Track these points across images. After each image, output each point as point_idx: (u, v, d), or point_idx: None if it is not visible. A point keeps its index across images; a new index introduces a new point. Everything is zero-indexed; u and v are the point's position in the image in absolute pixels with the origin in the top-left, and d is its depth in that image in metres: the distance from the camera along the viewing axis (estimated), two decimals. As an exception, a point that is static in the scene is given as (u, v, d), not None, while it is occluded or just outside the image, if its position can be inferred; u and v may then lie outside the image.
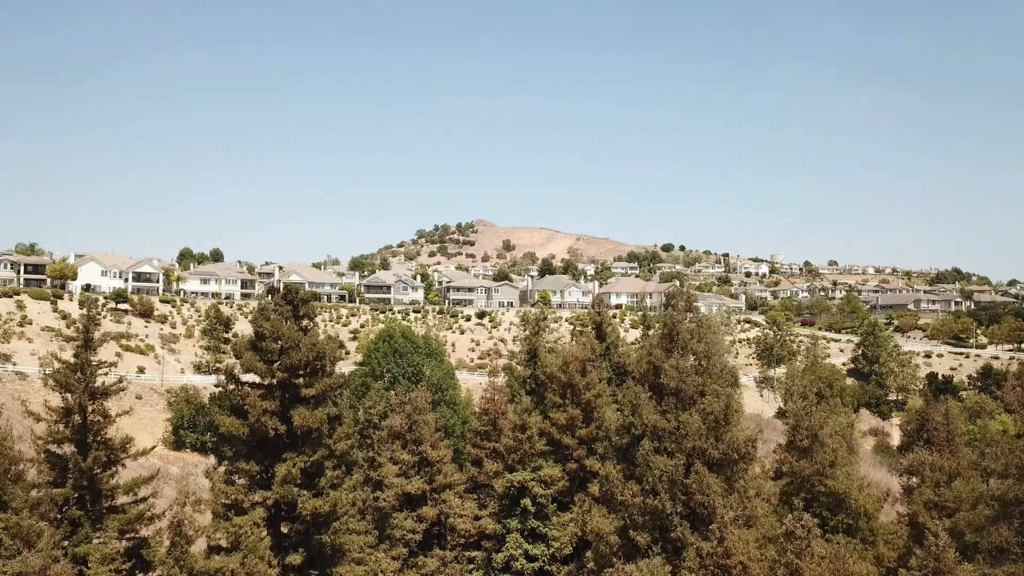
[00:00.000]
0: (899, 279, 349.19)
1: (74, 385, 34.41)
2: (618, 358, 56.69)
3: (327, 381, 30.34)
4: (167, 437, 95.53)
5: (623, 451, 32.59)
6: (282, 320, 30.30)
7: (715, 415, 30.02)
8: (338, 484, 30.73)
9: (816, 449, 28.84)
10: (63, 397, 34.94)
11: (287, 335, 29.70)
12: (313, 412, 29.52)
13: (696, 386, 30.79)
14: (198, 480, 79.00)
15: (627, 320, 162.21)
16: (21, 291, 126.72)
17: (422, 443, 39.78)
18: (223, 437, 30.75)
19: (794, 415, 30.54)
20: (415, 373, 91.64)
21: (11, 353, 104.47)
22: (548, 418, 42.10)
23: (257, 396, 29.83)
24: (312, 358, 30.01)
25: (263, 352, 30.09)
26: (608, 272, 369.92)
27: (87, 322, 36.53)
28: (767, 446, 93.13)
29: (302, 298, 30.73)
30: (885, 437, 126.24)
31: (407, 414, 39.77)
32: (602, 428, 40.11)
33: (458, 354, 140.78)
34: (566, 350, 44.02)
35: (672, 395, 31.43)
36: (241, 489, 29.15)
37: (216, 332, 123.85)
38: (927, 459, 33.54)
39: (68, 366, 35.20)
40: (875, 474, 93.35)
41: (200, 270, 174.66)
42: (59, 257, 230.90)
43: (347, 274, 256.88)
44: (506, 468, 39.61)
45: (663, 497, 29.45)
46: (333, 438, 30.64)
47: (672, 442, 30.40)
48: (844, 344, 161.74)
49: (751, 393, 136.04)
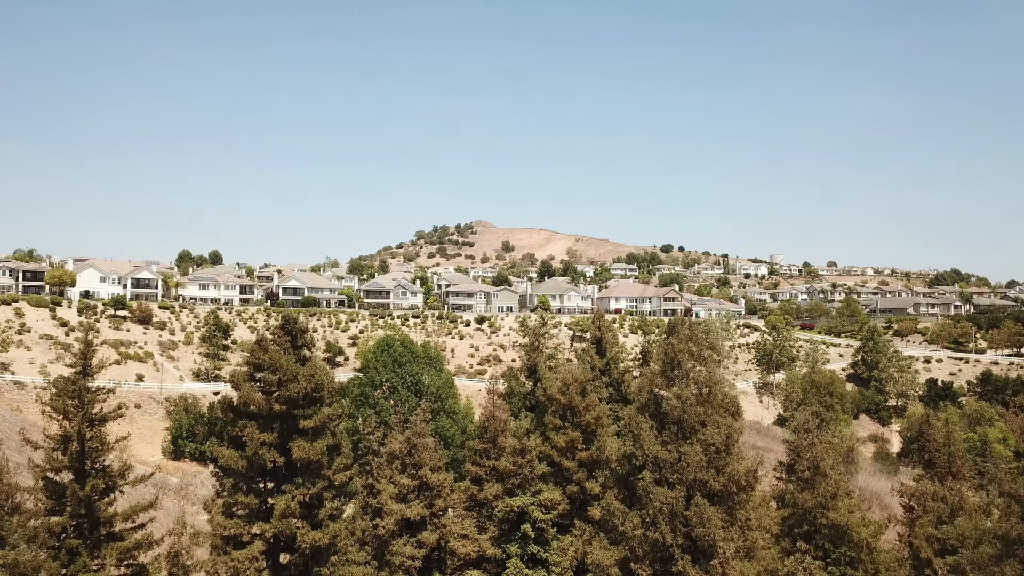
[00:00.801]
0: (898, 280, 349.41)
1: (72, 412, 34.24)
2: (618, 374, 56.62)
3: (326, 412, 30.18)
4: (166, 447, 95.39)
5: (624, 480, 32.46)
6: (280, 351, 30.10)
7: (716, 446, 29.90)
8: (337, 515, 30.58)
9: (818, 481, 28.66)
10: (61, 424, 34.78)
11: (285, 367, 29.53)
12: (312, 444, 29.35)
13: (697, 416, 30.66)
14: (197, 491, 79.01)
15: (626, 325, 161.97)
16: (19, 298, 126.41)
17: (422, 467, 39.55)
18: (222, 468, 30.55)
19: (795, 446, 30.33)
20: (414, 383, 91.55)
21: (9, 362, 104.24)
22: (548, 440, 41.94)
23: (255, 428, 29.65)
24: (311, 389, 29.83)
25: (261, 383, 29.90)
26: (607, 274, 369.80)
27: (85, 348, 36.31)
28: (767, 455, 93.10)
29: (300, 328, 30.55)
30: (885, 443, 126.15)
31: (407, 438, 39.53)
32: (602, 450, 40.00)
33: (457, 360, 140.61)
34: (566, 371, 43.71)
35: (673, 424, 31.32)
36: (240, 523, 28.97)
37: (215, 339, 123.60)
38: (928, 489, 33.34)
39: (66, 392, 35.03)
40: (875, 483, 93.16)
41: (199, 275, 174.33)
42: (57, 260, 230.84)
43: (346, 277, 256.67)
44: (506, 492, 39.42)
45: (664, 529, 29.33)
46: (332, 468, 30.46)
47: (673, 473, 30.28)
48: (844, 349, 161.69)
49: (751, 399, 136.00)
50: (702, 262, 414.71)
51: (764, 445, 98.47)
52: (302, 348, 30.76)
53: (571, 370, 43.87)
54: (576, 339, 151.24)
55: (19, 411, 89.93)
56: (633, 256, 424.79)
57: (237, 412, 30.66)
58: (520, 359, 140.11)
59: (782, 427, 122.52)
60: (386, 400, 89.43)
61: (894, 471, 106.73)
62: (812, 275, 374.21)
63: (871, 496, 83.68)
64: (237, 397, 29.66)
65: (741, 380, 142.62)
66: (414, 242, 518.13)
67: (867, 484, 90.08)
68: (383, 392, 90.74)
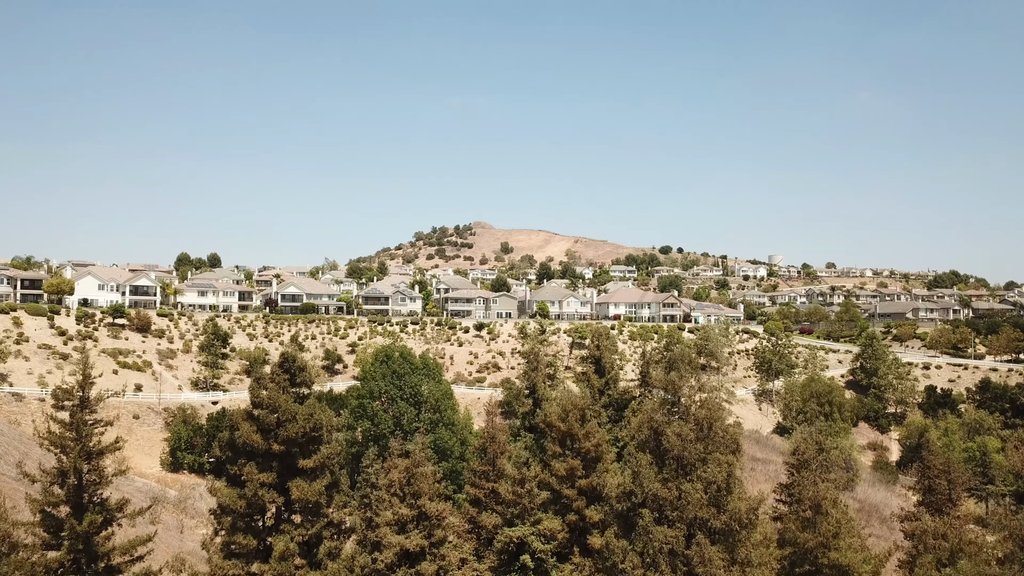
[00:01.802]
0: (897, 282, 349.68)
1: (69, 446, 34.09)
2: (618, 395, 56.52)
3: (325, 452, 30.02)
4: (164, 459, 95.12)
5: (624, 516, 32.34)
6: (279, 390, 29.94)
7: (717, 484, 29.79)
8: (336, 554, 30.44)
9: (819, 520, 28.55)
10: (58, 458, 34.64)
11: (284, 407, 29.38)
12: (311, 484, 29.21)
13: (698, 453, 30.55)
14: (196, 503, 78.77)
15: (625, 331, 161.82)
16: (18, 307, 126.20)
17: (421, 496, 39.40)
18: (221, 507, 30.39)
19: (796, 485, 30.21)
20: (413, 394, 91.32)
21: (7, 373, 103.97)
22: (548, 467, 41.83)
23: (254, 467, 29.50)
24: (309, 429, 29.68)
25: (260, 423, 29.75)
26: (606, 276, 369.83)
27: (83, 380, 36.14)
28: (766, 467, 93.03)
29: (299, 366, 30.40)
30: (884, 451, 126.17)
31: (405, 467, 39.37)
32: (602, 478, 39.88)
33: (457, 367, 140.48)
34: (566, 397, 43.54)
35: (674, 460, 31.20)
36: (239, 563, 28.83)
37: (214, 348, 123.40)
38: (929, 526, 33.25)
39: (63, 425, 34.90)
40: (874, 495, 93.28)
41: (197, 282, 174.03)
42: (55, 264, 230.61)
43: (345, 281, 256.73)
44: (505, 522, 39.29)
45: (664, 569, 29.20)
46: (331, 507, 30.32)
47: (673, 511, 30.16)
48: (842, 355, 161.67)
49: (750, 407, 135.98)
50: (701, 264, 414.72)
51: (763, 456, 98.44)
52: (301, 386, 30.57)
53: (571, 396, 43.70)
54: (575, 345, 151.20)
55: (17, 424, 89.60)
56: (632, 258, 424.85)
57: (236, 450, 30.49)
58: (519, 367, 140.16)
59: (781, 436, 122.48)
60: (384, 412, 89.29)
61: (893, 480, 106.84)
62: (811, 277, 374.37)
63: (870, 509, 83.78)
64: (236, 435, 29.47)
65: (740, 387, 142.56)
66: (413, 243, 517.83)
67: (867, 496, 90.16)
68: (381, 403, 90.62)
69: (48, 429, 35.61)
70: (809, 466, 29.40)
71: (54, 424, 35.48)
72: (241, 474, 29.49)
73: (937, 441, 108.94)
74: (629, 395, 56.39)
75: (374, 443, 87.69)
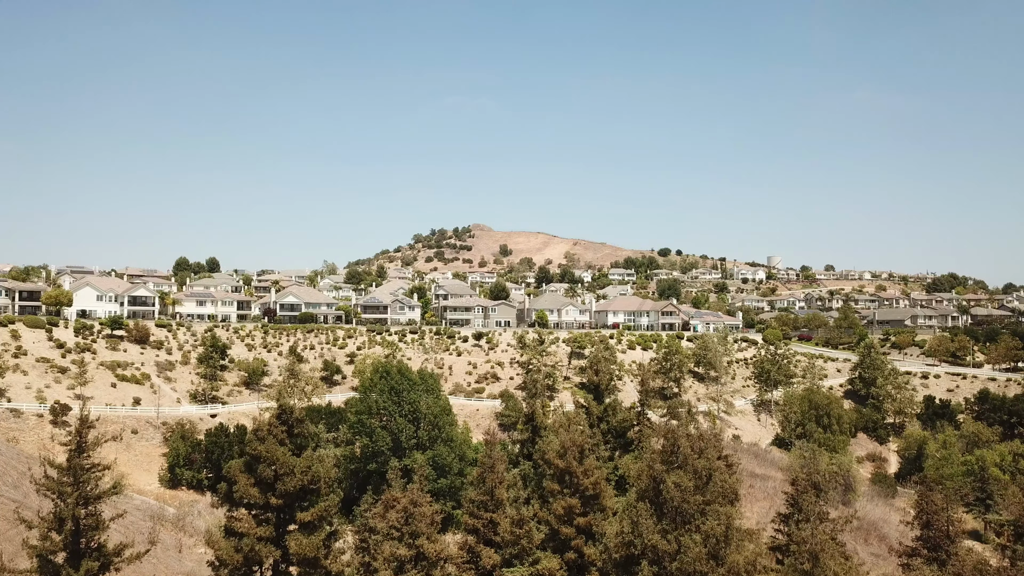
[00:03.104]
0: (896, 284, 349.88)
1: (66, 492, 34.02)
2: (617, 423, 56.51)
3: (323, 505, 29.94)
4: (163, 475, 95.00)
5: (623, 566, 32.32)
6: (276, 444, 29.87)
7: (716, 537, 29.76)
8: (334, 605, 30.39)
9: (817, 573, 28.51)
10: (55, 504, 34.56)
11: (282, 460, 29.31)
12: (309, 538, 29.16)
13: (697, 504, 30.55)
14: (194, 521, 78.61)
15: (624, 341, 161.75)
16: (16, 319, 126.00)
17: (419, 536, 39.35)
18: (218, 559, 30.33)
19: (794, 538, 30.16)
20: (412, 411, 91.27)
21: (5, 387, 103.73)
22: (546, 504, 41.80)
23: (251, 521, 29.45)
24: (307, 482, 29.61)
25: (258, 477, 29.68)
26: (605, 279, 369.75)
27: (81, 426, 36.07)
28: (764, 483, 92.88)
29: (297, 418, 30.32)
30: (883, 463, 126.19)
31: (403, 507, 39.30)
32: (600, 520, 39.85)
33: (455, 378, 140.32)
34: (564, 434, 43.45)
35: (673, 511, 31.19)
36: (236, 619, 28.74)
37: (212, 361, 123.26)
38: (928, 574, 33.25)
39: (60, 470, 34.84)
40: (873, 511, 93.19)
41: (196, 292, 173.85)
42: (54, 269, 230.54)
43: (343, 288, 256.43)
44: (504, 562, 39.26)
45: (663, 622, 29.19)
46: (329, 559, 30.27)
47: (672, 562, 30.14)
48: (841, 364, 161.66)
49: (748, 418, 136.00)
50: (699, 266, 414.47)
51: (762, 472, 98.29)
52: (299, 437, 30.49)
53: (569, 433, 43.62)
54: (574, 355, 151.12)
55: (15, 441, 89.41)
56: (631, 260, 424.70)
57: (233, 502, 30.42)
58: (517, 377, 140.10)
59: (780, 448, 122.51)
60: (383, 429, 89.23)
61: (892, 493, 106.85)
62: (810, 279, 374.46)
63: (869, 527, 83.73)
64: (234, 489, 29.38)
65: (739, 397, 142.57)
66: (412, 246, 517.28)
67: (866, 513, 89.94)
68: (379, 420, 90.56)
69: (45, 474, 35.60)
70: (807, 510, 29.27)
71: (51, 469, 35.46)
72: (238, 527, 29.42)
73: (936, 454, 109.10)
74: (628, 423, 56.37)
75: (372, 460, 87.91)
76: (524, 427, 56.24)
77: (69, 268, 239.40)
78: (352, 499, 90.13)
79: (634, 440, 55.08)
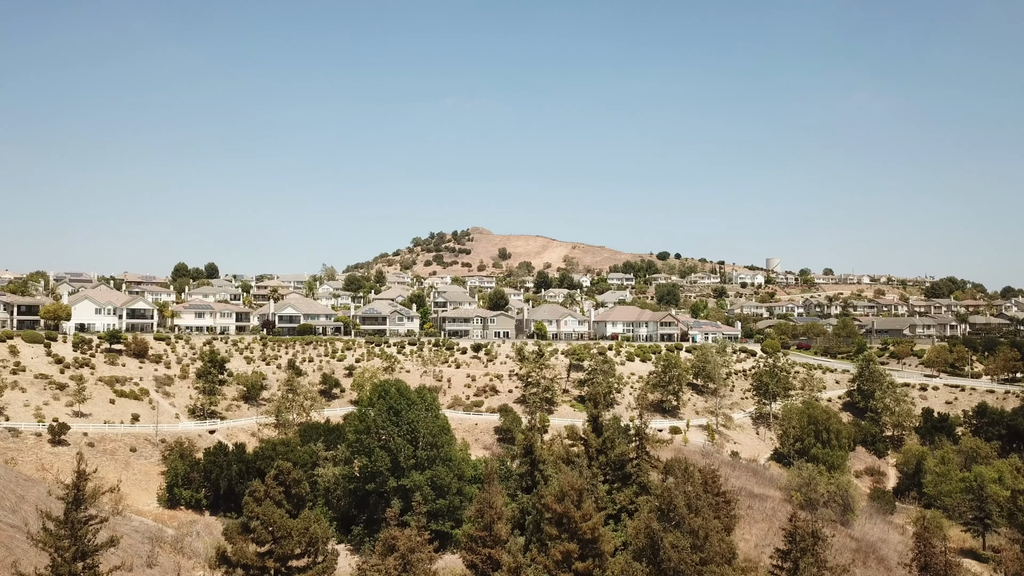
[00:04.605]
0: (894, 288, 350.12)
1: (63, 547, 34.02)
2: (616, 456, 56.53)
3: (320, 567, 29.93)
4: (161, 495, 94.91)
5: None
6: (273, 505, 29.86)
7: (713, 599, 29.85)
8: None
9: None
10: (52, 558, 34.55)
11: (279, 523, 29.30)
12: (306, 602, 29.09)
13: (694, 565, 30.60)
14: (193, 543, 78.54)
15: (623, 352, 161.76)
16: (14, 334, 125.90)
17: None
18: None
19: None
20: (410, 430, 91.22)
21: (3, 406, 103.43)
22: (544, 548, 41.80)
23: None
24: (305, 544, 29.59)
25: (255, 537, 29.66)
26: (604, 284, 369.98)
27: (78, 479, 36.04)
28: (763, 504, 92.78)
29: (294, 479, 30.30)
30: (881, 477, 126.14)
31: (401, 555, 39.33)
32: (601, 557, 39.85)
33: (454, 391, 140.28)
34: (562, 479, 43.41)
35: (671, 571, 31.24)
36: None
37: (211, 375, 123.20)
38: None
39: (57, 523, 34.83)
40: (872, 530, 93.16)
41: (194, 303, 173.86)
42: (52, 276, 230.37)
43: (341, 294, 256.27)
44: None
45: None
46: (327, 620, 30.23)
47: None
48: (840, 375, 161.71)
49: (747, 432, 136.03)
50: (698, 270, 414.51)
51: (760, 491, 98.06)
52: (296, 497, 30.47)
53: (568, 476, 43.59)
54: (573, 368, 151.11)
55: (13, 463, 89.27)
56: (630, 265, 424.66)
57: (230, 563, 30.41)
58: (516, 390, 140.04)
59: (779, 463, 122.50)
60: (381, 450, 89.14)
61: (891, 510, 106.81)
62: (808, 284, 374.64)
63: (867, 549, 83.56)
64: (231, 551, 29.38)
65: (738, 410, 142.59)
66: (411, 249, 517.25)
67: (864, 534, 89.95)
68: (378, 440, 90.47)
69: (43, 527, 35.60)
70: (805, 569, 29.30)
71: (49, 521, 35.44)
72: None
73: (935, 469, 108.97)
74: (626, 456, 56.37)
75: (371, 480, 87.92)
76: (523, 460, 56.23)
77: (68, 275, 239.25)
78: (350, 517, 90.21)
79: (633, 473, 55.10)
